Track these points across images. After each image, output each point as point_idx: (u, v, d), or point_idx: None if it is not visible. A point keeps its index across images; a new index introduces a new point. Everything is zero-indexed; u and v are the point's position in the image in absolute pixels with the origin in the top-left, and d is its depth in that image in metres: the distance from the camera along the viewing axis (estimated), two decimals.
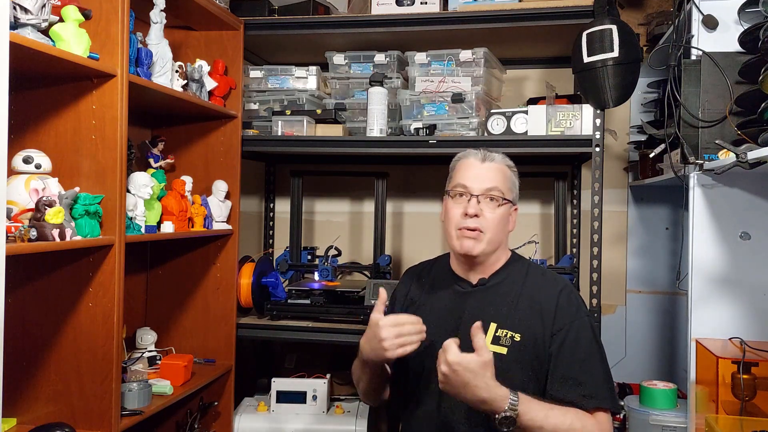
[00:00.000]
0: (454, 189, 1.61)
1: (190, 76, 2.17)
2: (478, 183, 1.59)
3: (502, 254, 1.66)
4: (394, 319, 1.48)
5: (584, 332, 1.54)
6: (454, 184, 1.62)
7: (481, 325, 1.40)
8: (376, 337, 1.47)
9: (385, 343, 1.45)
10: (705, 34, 2.07)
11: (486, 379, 1.36)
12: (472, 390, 1.36)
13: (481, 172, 1.61)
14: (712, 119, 1.96)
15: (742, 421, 1.69)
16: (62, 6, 1.59)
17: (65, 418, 1.72)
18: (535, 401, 1.42)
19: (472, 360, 1.35)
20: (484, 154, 1.64)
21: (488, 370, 1.37)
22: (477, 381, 1.35)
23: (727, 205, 2.05)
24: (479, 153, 1.64)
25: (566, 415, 1.44)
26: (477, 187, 1.58)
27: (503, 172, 1.63)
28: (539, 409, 1.41)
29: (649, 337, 2.99)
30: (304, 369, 2.68)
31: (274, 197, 3.15)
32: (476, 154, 1.64)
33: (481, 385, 1.36)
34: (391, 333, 1.45)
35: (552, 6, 2.28)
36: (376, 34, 2.49)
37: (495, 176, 1.61)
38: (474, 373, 1.35)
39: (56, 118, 1.74)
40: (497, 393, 1.37)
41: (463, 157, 1.66)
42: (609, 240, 2.87)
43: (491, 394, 1.36)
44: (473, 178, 1.60)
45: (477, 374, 1.35)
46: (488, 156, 1.64)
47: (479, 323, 1.40)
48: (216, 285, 2.41)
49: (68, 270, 1.73)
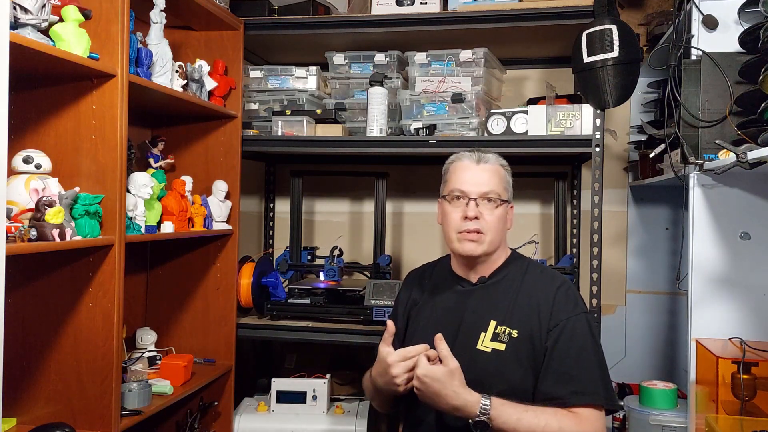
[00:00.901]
0: (452, 193, 1.61)
1: (190, 76, 2.17)
2: (475, 186, 1.59)
3: (501, 253, 1.67)
4: (403, 353, 1.48)
5: (580, 329, 1.54)
6: (451, 188, 1.62)
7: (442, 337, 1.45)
8: (387, 374, 1.49)
9: (397, 380, 1.48)
10: (705, 34, 2.07)
11: (454, 387, 1.41)
12: (443, 399, 1.41)
13: (476, 174, 1.61)
14: (712, 119, 1.96)
15: (742, 421, 1.69)
16: (62, 6, 1.59)
17: (65, 418, 1.72)
18: (509, 404, 1.44)
19: (438, 370, 1.41)
20: (478, 156, 1.64)
21: (455, 379, 1.42)
22: (446, 390, 1.41)
23: (727, 205, 2.05)
24: (473, 154, 1.64)
25: (541, 416, 1.44)
26: (474, 190, 1.59)
27: (498, 173, 1.63)
28: (513, 413, 1.43)
29: (649, 337, 2.99)
30: (304, 369, 2.68)
31: (274, 197, 3.15)
32: (470, 156, 1.64)
33: (450, 393, 1.41)
34: (402, 370, 1.48)
35: (552, 6, 2.28)
36: (376, 34, 2.49)
37: (491, 178, 1.61)
38: (442, 383, 1.41)
39: (56, 118, 1.74)
40: (467, 399, 1.42)
41: (457, 159, 1.66)
42: (609, 240, 2.87)
43: (461, 400, 1.41)
44: (470, 182, 1.60)
45: (444, 383, 1.41)
46: (482, 157, 1.64)
47: (440, 335, 1.45)
48: (216, 285, 2.41)
49: (68, 270, 1.73)
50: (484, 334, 1.56)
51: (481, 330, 1.57)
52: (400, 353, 1.49)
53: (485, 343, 1.55)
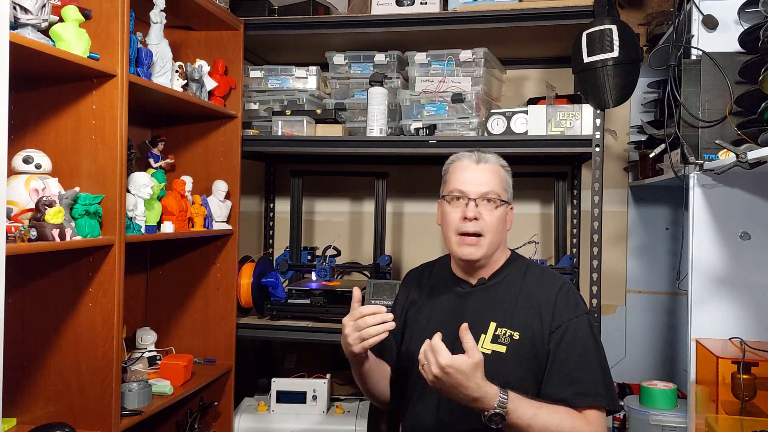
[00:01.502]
0: (451, 193, 1.61)
1: (190, 76, 2.17)
2: (475, 186, 1.58)
3: (501, 254, 1.67)
4: (356, 313, 1.49)
5: (582, 330, 1.54)
6: (451, 188, 1.61)
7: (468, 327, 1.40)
8: (342, 336, 1.51)
9: (349, 339, 1.49)
10: (705, 34, 2.06)
11: (477, 379, 1.37)
12: (464, 391, 1.37)
13: (476, 174, 1.60)
14: (712, 119, 1.96)
15: (742, 421, 1.69)
16: (62, 6, 1.59)
17: (65, 418, 1.72)
18: (525, 400, 1.42)
19: (464, 362, 1.36)
20: (478, 156, 1.63)
21: (479, 371, 1.38)
22: (469, 382, 1.36)
23: (727, 205, 2.04)
24: (473, 155, 1.63)
25: (555, 414, 1.44)
26: (474, 190, 1.58)
27: (498, 173, 1.63)
28: (528, 407, 1.41)
29: (649, 337, 2.99)
30: (304, 369, 2.68)
31: (274, 197, 3.14)
32: (470, 156, 1.63)
33: (473, 386, 1.37)
34: (351, 328, 1.48)
35: (552, 6, 2.28)
36: (376, 34, 2.49)
37: (491, 178, 1.60)
38: (465, 375, 1.36)
39: (56, 118, 1.74)
40: (487, 391, 1.38)
41: (457, 159, 1.65)
42: (609, 240, 2.87)
43: (481, 392, 1.38)
44: (469, 182, 1.59)
45: (468, 375, 1.36)
46: (482, 157, 1.63)
47: (466, 324, 1.40)
48: (216, 285, 2.41)
49: (68, 270, 1.73)
50: (484, 335, 1.56)
51: (481, 332, 1.57)
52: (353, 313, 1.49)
53: (485, 344, 1.55)
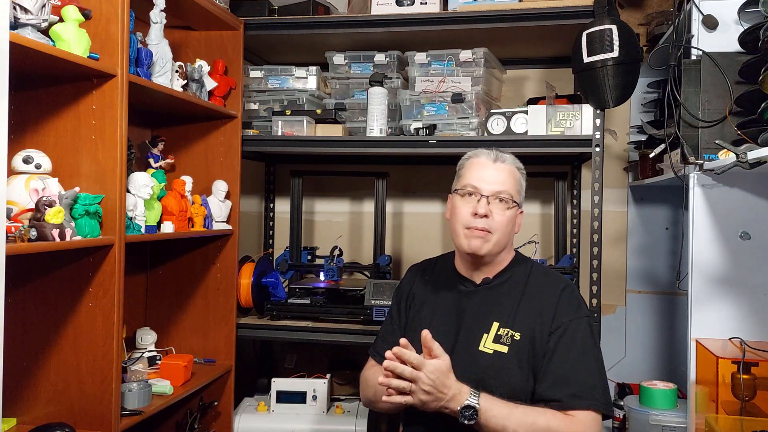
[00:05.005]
0: (464, 188, 1.61)
1: (190, 76, 2.17)
2: (489, 184, 1.59)
3: (506, 255, 1.67)
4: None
5: (582, 332, 1.54)
6: (464, 183, 1.61)
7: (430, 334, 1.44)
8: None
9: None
10: (705, 34, 2.06)
11: (453, 378, 1.44)
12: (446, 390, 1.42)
13: (492, 173, 1.60)
14: (712, 119, 1.96)
15: (742, 421, 1.69)
16: (62, 6, 1.59)
17: (65, 418, 1.72)
18: (497, 400, 1.45)
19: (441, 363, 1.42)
20: (496, 155, 1.63)
21: (451, 371, 1.44)
22: (448, 381, 1.42)
23: (727, 205, 2.05)
24: (491, 153, 1.64)
25: (529, 413, 1.45)
26: (487, 188, 1.58)
27: (513, 175, 1.63)
28: (502, 407, 1.44)
29: (649, 337, 2.99)
30: (304, 369, 2.68)
31: (274, 197, 3.14)
32: (488, 154, 1.64)
33: (450, 383, 1.43)
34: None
35: (552, 6, 2.28)
36: (376, 34, 2.49)
37: (506, 178, 1.60)
38: (445, 374, 1.42)
39: (56, 118, 1.73)
40: (461, 388, 1.44)
41: (474, 156, 1.66)
42: (609, 240, 2.87)
43: (457, 389, 1.43)
44: (484, 179, 1.59)
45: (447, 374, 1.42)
46: (500, 157, 1.63)
47: (427, 331, 1.44)
48: (216, 285, 2.41)
49: (68, 270, 1.73)
50: (487, 335, 1.56)
51: (484, 331, 1.57)
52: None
53: (487, 344, 1.55)
